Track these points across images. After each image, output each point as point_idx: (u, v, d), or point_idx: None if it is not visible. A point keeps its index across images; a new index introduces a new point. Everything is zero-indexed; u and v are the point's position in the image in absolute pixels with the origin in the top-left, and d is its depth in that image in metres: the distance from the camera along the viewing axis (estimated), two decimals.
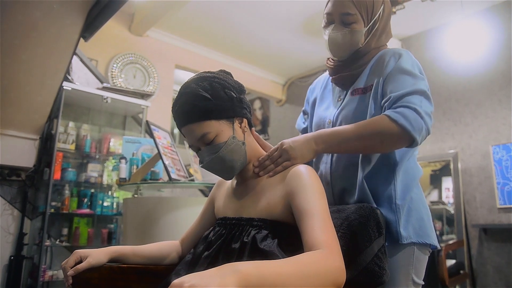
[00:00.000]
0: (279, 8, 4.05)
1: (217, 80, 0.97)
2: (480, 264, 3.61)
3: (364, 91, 1.11)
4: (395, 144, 0.98)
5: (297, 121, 1.39)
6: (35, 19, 2.21)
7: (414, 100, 0.97)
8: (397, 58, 1.08)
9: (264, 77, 5.77)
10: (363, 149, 1.02)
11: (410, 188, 1.08)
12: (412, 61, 1.08)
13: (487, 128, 3.75)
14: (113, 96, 3.31)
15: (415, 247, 1.04)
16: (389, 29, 1.20)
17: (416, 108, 0.95)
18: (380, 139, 0.96)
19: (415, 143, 0.96)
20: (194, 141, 0.96)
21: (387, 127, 0.94)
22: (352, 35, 1.12)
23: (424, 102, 0.98)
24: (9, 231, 3.05)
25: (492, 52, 3.74)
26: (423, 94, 0.99)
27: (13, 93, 2.73)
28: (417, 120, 0.94)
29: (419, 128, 0.94)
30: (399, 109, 0.96)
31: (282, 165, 0.98)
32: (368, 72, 1.13)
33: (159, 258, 1.10)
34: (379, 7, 1.14)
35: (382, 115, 0.97)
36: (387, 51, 1.13)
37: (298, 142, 1.00)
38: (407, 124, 0.93)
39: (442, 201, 3.94)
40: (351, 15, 1.10)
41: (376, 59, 1.14)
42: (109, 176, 3.39)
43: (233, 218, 0.99)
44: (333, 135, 1.00)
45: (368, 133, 0.97)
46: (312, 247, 0.77)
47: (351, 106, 1.12)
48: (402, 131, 0.94)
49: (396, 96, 0.99)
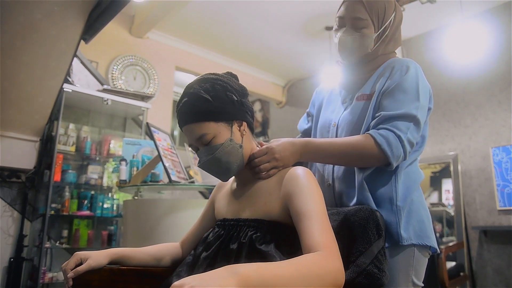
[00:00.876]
0: (280, 10, 4.06)
1: (219, 82, 0.98)
2: (480, 266, 3.61)
3: (369, 98, 1.12)
4: (371, 163, 1.05)
5: (300, 122, 1.39)
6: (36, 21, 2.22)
7: (401, 126, 1.01)
8: (403, 72, 1.08)
9: (264, 79, 5.78)
10: (342, 163, 1.11)
11: (411, 190, 1.08)
12: (417, 79, 1.08)
13: (487, 130, 3.75)
14: (114, 98, 3.31)
15: (415, 248, 1.05)
16: (398, 36, 1.20)
17: (400, 136, 1.00)
18: (359, 157, 1.03)
19: (390, 167, 1.02)
20: (193, 140, 0.98)
21: (369, 149, 1.00)
22: (362, 39, 1.13)
23: (411, 129, 1.02)
24: (9, 233, 3.05)
25: (492, 54, 3.75)
26: (412, 120, 1.03)
27: (14, 94, 2.74)
28: (398, 148, 1.00)
29: (398, 155, 1.00)
30: (384, 132, 1.01)
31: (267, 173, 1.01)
32: (375, 79, 1.14)
33: (159, 260, 1.10)
34: (390, 13, 1.14)
35: (368, 136, 1.02)
36: (397, 61, 1.13)
37: (287, 152, 1.03)
38: (388, 150, 0.99)
39: (442, 203, 3.94)
40: (362, 20, 1.12)
41: (384, 67, 1.14)
42: (109, 178, 3.39)
43: (232, 219, 1.00)
44: (319, 149, 1.06)
45: (352, 153, 1.03)
46: (311, 249, 0.77)
47: (355, 111, 1.13)
48: (382, 155, 1.00)
49: (386, 116, 1.03)
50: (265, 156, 1.02)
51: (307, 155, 1.06)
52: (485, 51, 3.74)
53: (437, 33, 4.23)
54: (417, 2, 3.59)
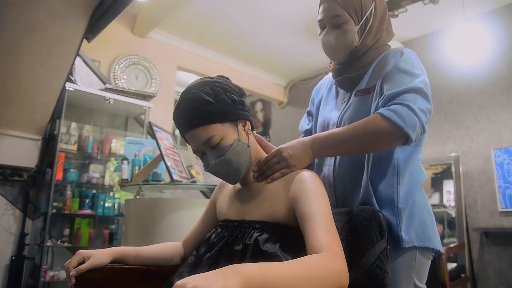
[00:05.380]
0: (281, 10, 4.06)
1: (218, 84, 0.97)
2: (481, 268, 3.61)
3: (367, 92, 1.11)
4: (389, 142, 0.98)
5: (301, 123, 1.38)
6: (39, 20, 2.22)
7: (409, 97, 0.96)
8: (398, 57, 1.08)
9: (266, 79, 5.78)
10: (358, 149, 1.02)
11: (413, 192, 1.07)
12: (413, 60, 1.07)
13: (488, 131, 3.74)
14: (116, 97, 3.32)
15: (417, 251, 1.04)
16: (386, 26, 1.19)
17: (409, 105, 0.94)
18: (373, 137, 0.96)
19: (410, 140, 0.95)
20: (199, 145, 0.96)
21: (379, 126, 0.94)
22: (344, 35, 1.13)
23: (420, 100, 0.97)
24: (11, 231, 3.05)
25: (493, 56, 3.74)
26: (419, 91, 0.98)
27: (16, 93, 2.75)
28: (410, 116, 0.93)
29: (412, 124, 0.93)
30: (392, 106, 0.96)
31: (280, 172, 0.99)
32: (371, 72, 1.13)
33: (161, 259, 1.10)
34: (369, 4, 1.14)
35: (375, 114, 0.97)
36: (390, 51, 1.13)
37: (296, 149, 1.01)
38: (399, 121, 0.92)
39: (443, 204, 3.93)
40: (340, 16, 1.12)
41: (379, 60, 1.14)
42: (110, 177, 3.40)
43: (236, 221, 0.99)
44: (327, 139, 1.01)
45: (360, 133, 0.97)
46: (315, 250, 0.77)
47: (355, 107, 1.12)
48: (395, 128, 0.93)
49: (391, 94, 0.99)
50: (274, 158, 1.01)
51: (319, 150, 1.01)
52: (487, 53, 3.74)
53: (439, 34, 4.22)
54: (419, 3, 3.59)
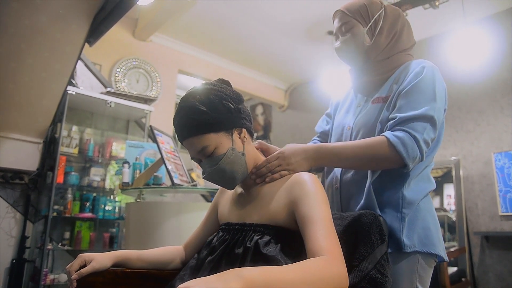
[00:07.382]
0: (282, 14, 4.08)
1: (214, 92, 0.97)
2: (481, 272, 3.60)
3: (384, 100, 1.11)
4: (387, 166, 1.03)
5: (318, 123, 1.39)
6: (41, 24, 2.24)
7: (417, 127, 0.99)
8: (419, 73, 1.07)
9: (266, 82, 5.79)
10: (358, 167, 1.09)
11: (418, 198, 1.07)
12: (433, 80, 1.06)
13: (489, 135, 3.75)
14: (117, 101, 3.33)
15: (420, 256, 1.03)
16: (406, 31, 1.18)
17: (416, 136, 0.98)
18: (375, 160, 1.02)
19: (406, 168, 1.00)
20: (195, 153, 0.97)
21: (384, 151, 0.99)
22: (353, 38, 1.16)
23: (428, 129, 1.00)
24: (11, 234, 3.05)
25: (494, 60, 3.75)
26: (429, 120, 1.01)
27: (18, 96, 2.76)
28: (413, 148, 0.98)
29: (414, 156, 0.98)
30: (400, 133, 0.99)
31: (279, 173, 1.01)
32: (392, 82, 1.13)
33: (162, 263, 1.11)
34: (377, 7, 1.16)
35: (382, 137, 1.01)
36: (413, 62, 1.13)
37: (299, 157, 1.03)
38: (403, 152, 0.97)
39: (444, 208, 3.93)
40: (347, 23, 1.17)
41: (400, 70, 1.14)
42: (111, 180, 3.40)
43: (236, 224, 1.00)
44: (331, 153, 1.05)
45: (366, 156, 1.02)
46: (315, 254, 0.78)
47: (371, 114, 1.12)
48: (398, 158, 0.98)
49: (402, 118, 1.01)
50: (276, 160, 1.02)
51: (321, 161, 1.05)
52: (487, 57, 3.73)
53: (440, 38, 4.24)
54: (420, 8, 3.60)
